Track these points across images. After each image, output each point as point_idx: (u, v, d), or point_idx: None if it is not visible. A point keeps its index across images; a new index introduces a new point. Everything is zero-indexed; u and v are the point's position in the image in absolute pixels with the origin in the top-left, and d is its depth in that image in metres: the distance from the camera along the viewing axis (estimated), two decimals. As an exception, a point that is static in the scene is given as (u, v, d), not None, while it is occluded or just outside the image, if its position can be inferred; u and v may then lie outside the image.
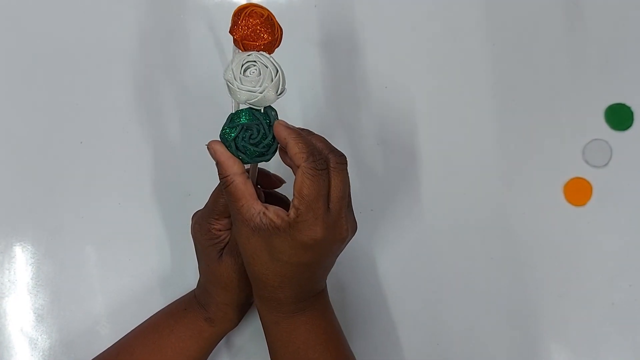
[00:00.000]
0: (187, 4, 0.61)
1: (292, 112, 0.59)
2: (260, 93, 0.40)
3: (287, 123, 0.42)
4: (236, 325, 0.52)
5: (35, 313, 0.59)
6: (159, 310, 0.53)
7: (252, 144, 0.41)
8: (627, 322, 0.57)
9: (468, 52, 0.60)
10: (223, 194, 0.45)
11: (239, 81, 0.40)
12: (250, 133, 0.41)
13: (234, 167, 0.42)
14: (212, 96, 0.60)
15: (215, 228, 0.48)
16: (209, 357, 0.52)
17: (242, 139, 0.41)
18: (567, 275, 0.58)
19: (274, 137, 0.42)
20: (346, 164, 0.42)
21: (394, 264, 0.58)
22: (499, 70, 0.59)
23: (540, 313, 0.58)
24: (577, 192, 0.58)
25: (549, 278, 0.58)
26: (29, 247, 0.60)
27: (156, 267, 0.58)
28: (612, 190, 0.58)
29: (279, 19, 0.60)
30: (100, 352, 0.50)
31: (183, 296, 0.53)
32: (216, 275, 0.49)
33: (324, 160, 0.41)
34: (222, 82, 0.60)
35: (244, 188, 0.42)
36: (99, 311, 0.58)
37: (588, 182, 0.58)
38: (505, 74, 0.59)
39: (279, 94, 0.41)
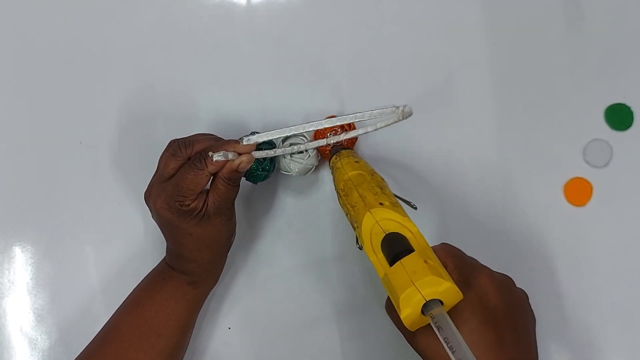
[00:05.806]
0: (188, 3, 0.61)
1: (293, 110, 0.59)
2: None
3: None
4: (217, 281, 0.54)
5: (34, 313, 0.59)
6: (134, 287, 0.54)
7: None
8: (627, 322, 0.57)
9: (468, 52, 0.60)
10: (185, 173, 0.47)
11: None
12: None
13: None
14: (211, 95, 0.60)
15: (187, 204, 0.47)
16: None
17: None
18: (567, 275, 0.58)
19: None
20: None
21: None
22: (499, 70, 0.59)
23: (540, 313, 0.57)
24: (578, 192, 0.58)
25: (549, 278, 0.58)
26: (29, 247, 0.60)
27: (156, 267, 0.58)
28: (612, 191, 0.58)
29: (279, 18, 0.61)
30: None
31: (154, 269, 0.54)
32: (204, 238, 0.49)
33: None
34: (221, 81, 0.60)
35: None
36: (98, 311, 0.58)
37: (588, 182, 0.58)
38: (505, 74, 0.59)
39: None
